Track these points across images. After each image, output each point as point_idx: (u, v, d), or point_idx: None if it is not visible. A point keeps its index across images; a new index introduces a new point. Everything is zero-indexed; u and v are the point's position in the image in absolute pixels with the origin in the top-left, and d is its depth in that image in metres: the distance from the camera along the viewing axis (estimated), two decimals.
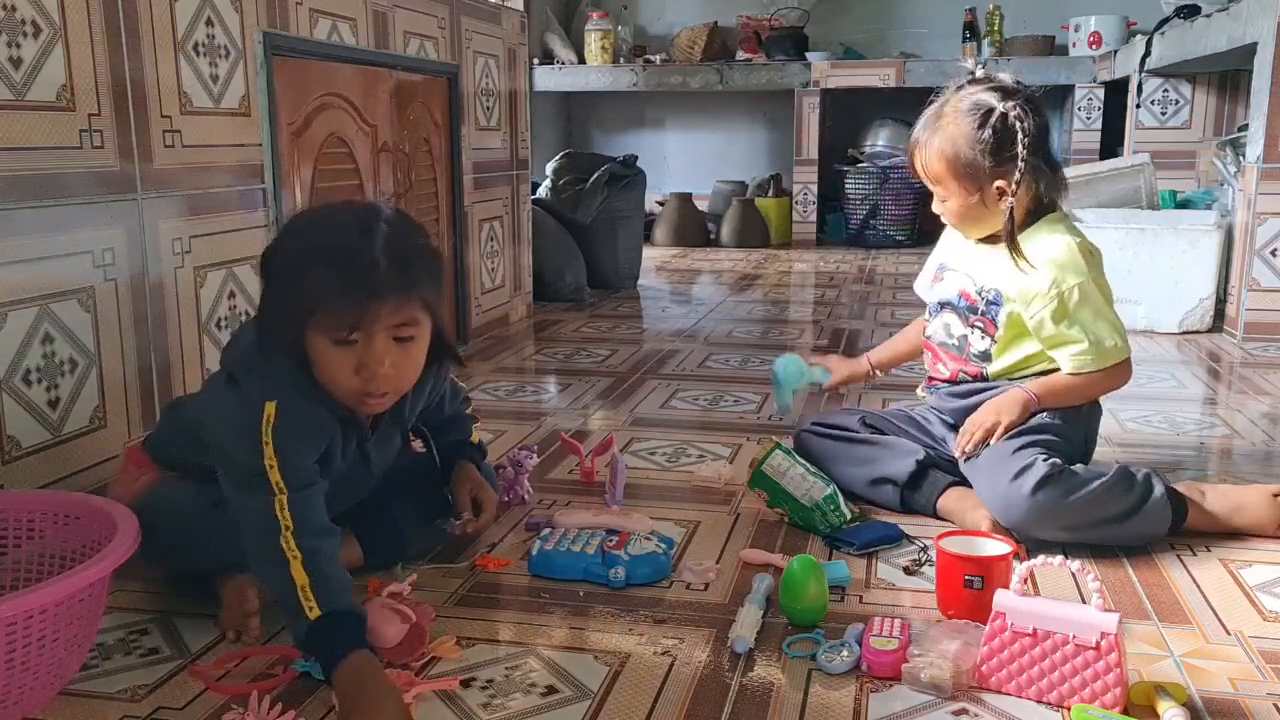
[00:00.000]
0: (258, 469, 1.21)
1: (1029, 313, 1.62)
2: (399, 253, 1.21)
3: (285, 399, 1.23)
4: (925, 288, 1.82)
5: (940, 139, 1.63)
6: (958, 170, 1.62)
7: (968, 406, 1.68)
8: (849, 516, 1.59)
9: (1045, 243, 1.63)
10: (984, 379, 1.69)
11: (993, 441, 1.59)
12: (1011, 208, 1.61)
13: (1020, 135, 1.58)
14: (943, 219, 1.72)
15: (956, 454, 1.64)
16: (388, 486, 1.49)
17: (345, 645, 1.13)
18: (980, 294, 1.68)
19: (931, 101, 1.68)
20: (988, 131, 1.59)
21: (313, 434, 1.27)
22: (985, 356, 1.69)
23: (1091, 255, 1.63)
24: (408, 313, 1.22)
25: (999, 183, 1.61)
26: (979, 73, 1.66)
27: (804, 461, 1.64)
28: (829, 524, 1.58)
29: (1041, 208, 1.66)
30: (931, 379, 1.79)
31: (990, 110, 1.60)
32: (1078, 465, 1.54)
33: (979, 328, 1.69)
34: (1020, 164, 1.58)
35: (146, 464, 1.46)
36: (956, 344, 1.72)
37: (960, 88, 1.65)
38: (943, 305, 1.75)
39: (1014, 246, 1.62)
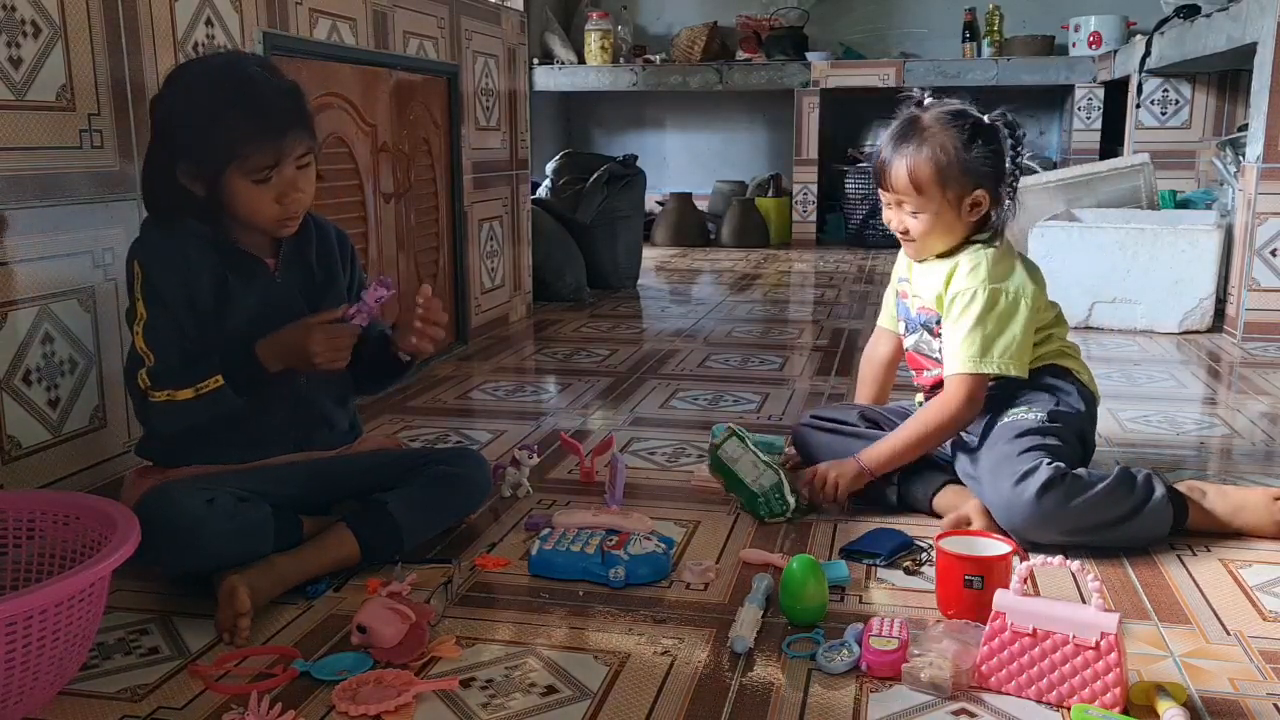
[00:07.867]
0: (134, 347, 1.40)
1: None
2: (287, 91, 1.42)
3: (146, 248, 1.41)
4: (889, 315, 1.85)
5: (930, 147, 1.59)
6: (946, 179, 1.60)
7: None
8: (792, 505, 1.61)
9: (966, 256, 1.63)
10: None
11: (836, 497, 1.62)
12: (976, 220, 1.62)
13: (1009, 146, 1.59)
14: (900, 235, 1.68)
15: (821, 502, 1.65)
16: (380, 483, 1.49)
17: (247, 355, 1.39)
18: (937, 305, 1.68)
19: (892, 121, 1.65)
20: (979, 141, 1.59)
21: (177, 263, 1.41)
22: None
23: (1012, 271, 1.62)
24: (306, 143, 1.42)
25: (979, 192, 1.61)
26: (927, 100, 1.65)
27: (757, 449, 1.65)
28: (770, 511, 1.61)
29: (981, 231, 1.65)
30: (928, 389, 1.76)
31: (977, 121, 1.60)
32: (1080, 469, 1.52)
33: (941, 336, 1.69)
34: (1007, 175, 1.59)
35: (151, 471, 1.47)
36: (938, 356, 1.71)
37: (920, 105, 1.63)
38: (914, 325, 1.75)
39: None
